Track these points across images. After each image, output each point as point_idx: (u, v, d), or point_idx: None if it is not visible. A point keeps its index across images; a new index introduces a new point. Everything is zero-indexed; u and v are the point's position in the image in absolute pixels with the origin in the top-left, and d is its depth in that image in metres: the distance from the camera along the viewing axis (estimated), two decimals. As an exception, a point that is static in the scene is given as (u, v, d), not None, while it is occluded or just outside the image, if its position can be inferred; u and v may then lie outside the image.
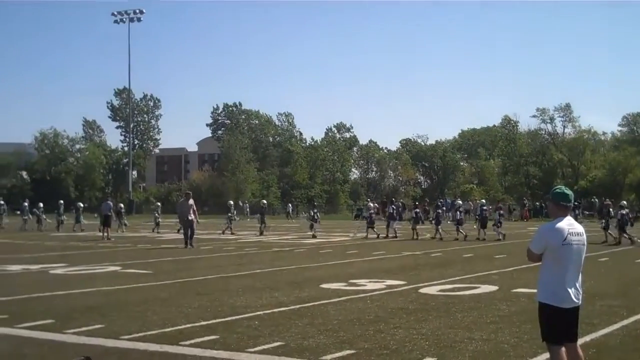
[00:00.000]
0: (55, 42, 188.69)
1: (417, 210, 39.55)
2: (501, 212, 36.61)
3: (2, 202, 50.91)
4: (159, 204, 49.11)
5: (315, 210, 40.45)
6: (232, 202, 44.36)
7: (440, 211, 38.80)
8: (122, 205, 48.42)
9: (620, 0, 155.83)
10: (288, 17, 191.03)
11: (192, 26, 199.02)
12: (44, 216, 47.28)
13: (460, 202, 41.79)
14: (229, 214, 41.34)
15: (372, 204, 42.84)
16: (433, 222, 37.95)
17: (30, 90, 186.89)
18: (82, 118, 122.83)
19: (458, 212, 38.23)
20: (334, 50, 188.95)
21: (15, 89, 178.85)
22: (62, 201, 48.44)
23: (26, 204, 48.98)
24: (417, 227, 36.73)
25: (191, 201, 30.75)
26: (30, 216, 47.65)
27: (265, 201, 48.29)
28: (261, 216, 41.66)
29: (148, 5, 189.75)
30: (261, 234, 39.25)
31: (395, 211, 40.26)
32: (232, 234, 39.60)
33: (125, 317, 12.08)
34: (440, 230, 35.35)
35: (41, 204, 47.75)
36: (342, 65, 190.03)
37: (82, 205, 48.24)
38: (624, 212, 31.72)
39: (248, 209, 69.49)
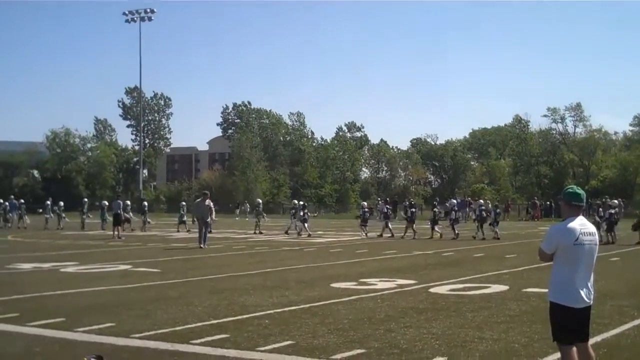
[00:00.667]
0: (67, 41, 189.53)
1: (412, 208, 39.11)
2: (498, 211, 36.61)
3: (22, 201, 50.95)
4: (183, 202, 48.81)
5: (306, 210, 39.98)
6: (260, 201, 44.63)
7: (436, 210, 38.72)
8: (145, 203, 48.50)
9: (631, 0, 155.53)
10: (299, 17, 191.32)
11: (202, 25, 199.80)
12: (63, 215, 47.60)
13: (454, 201, 41.49)
14: (258, 213, 41.75)
15: (365, 203, 42.97)
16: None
17: (42, 89, 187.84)
18: (93, 117, 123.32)
19: (453, 212, 38.20)
20: (345, 50, 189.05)
21: (27, 88, 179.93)
22: (86, 199, 48.55)
23: (48, 202, 49.16)
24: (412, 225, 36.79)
25: (208, 201, 29.97)
26: (52, 215, 47.85)
27: (259, 200, 47.89)
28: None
29: (159, 5, 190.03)
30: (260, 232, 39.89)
31: (390, 210, 40.59)
32: (260, 232, 39.64)
33: (135, 315, 12.10)
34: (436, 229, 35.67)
35: (61, 203, 48.18)
36: (353, 65, 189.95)
37: (106, 203, 48.14)
38: (613, 212, 31.80)
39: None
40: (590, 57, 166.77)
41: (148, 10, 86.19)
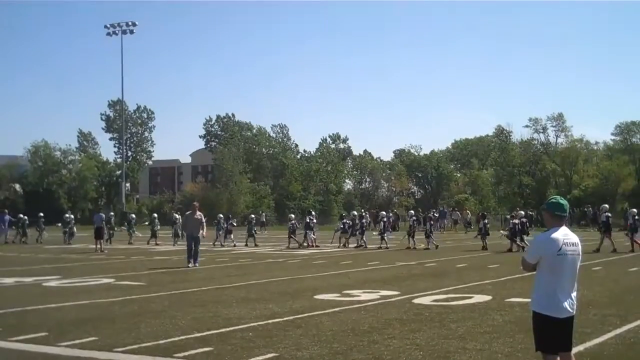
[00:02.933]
0: (49, 54, 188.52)
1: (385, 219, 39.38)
2: (486, 221, 36.85)
3: (41, 214, 49.69)
4: (155, 215, 48.78)
5: (312, 217, 40.19)
6: (253, 216, 44.68)
7: (414, 219, 39.10)
8: (133, 215, 48.23)
9: (612, 10, 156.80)
10: (281, 29, 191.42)
11: (185, 38, 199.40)
12: (44, 227, 47.28)
13: (411, 212, 42.10)
14: (252, 226, 41.58)
15: (343, 214, 43.26)
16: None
17: (23, 101, 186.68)
18: (77, 130, 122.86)
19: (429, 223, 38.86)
20: (329, 62, 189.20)
21: (9, 101, 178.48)
22: (69, 216, 47.96)
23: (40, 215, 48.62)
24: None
25: (199, 214, 26.74)
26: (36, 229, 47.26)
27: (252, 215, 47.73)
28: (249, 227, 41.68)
29: (141, 18, 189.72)
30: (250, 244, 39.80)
31: (367, 223, 41.16)
32: (255, 245, 39.41)
33: (118, 329, 12.05)
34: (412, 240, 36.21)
35: (41, 214, 47.83)
36: (337, 77, 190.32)
37: (71, 217, 47.95)
38: (609, 215, 32.12)
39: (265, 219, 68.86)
40: (572, 68, 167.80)
41: (130, 23, 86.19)
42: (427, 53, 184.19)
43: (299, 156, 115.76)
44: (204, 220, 26.77)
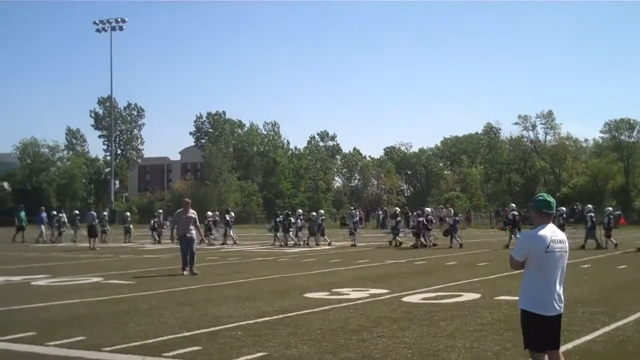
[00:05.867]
0: (38, 51, 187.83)
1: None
2: (457, 219, 36.95)
3: (76, 212, 48.35)
4: (128, 213, 48.51)
5: (322, 217, 40.08)
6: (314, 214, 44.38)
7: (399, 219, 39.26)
8: (128, 213, 47.85)
9: (600, 8, 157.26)
10: (272, 27, 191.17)
11: (175, 35, 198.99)
12: (79, 225, 45.75)
13: (396, 211, 41.98)
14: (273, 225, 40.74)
15: (322, 211, 42.82)
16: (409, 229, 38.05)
17: (11, 99, 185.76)
18: (65, 127, 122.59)
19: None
20: (319, 59, 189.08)
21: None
22: (62, 214, 47.13)
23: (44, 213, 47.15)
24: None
25: (192, 212, 22.83)
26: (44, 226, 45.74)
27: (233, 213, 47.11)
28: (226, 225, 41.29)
29: (130, 14, 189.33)
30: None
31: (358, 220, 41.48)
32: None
33: (107, 328, 12.01)
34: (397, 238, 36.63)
35: (22, 213, 46.76)
36: (327, 74, 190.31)
37: (105, 214, 47.68)
38: (593, 215, 32.33)
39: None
40: (561, 65, 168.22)
41: (119, 19, 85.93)
42: (416, 51, 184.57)
43: (289, 153, 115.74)
44: (197, 219, 23.29)
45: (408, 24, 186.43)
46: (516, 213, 34.92)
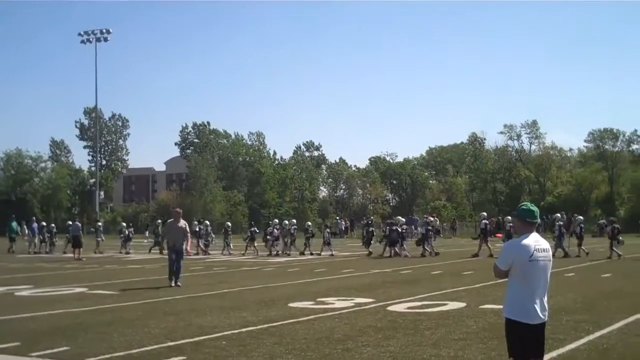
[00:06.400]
0: (23, 62, 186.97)
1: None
2: (429, 227, 37.02)
3: (99, 223, 48.28)
4: (123, 224, 48.38)
5: (328, 230, 39.99)
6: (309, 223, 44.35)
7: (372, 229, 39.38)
8: (124, 224, 47.58)
9: (585, 18, 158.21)
10: (256, 37, 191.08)
11: (160, 45, 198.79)
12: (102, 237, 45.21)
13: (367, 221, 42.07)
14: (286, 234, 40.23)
15: (294, 220, 42.68)
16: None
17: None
18: (49, 138, 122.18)
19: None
20: (302, 69, 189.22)
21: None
22: (52, 225, 46.76)
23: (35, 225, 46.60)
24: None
25: (183, 222, 22.20)
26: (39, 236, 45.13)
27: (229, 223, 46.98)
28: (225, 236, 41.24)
29: (115, 25, 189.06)
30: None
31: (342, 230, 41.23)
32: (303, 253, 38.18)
33: (91, 339, 11.96)
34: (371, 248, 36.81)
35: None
36: (310, 84, 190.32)
37: (100, 224, 47.39)
38: (582, 226, 32.81)
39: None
40: (546, 75, 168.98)
41: (104, 30, 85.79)
42: (401, 61, 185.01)
43: (275, 163, 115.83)
44: (187, 231, 22.39)
45: (393, 33, 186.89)
46: (487, 222, 35.25)
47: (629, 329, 12.36)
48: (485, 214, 37.81)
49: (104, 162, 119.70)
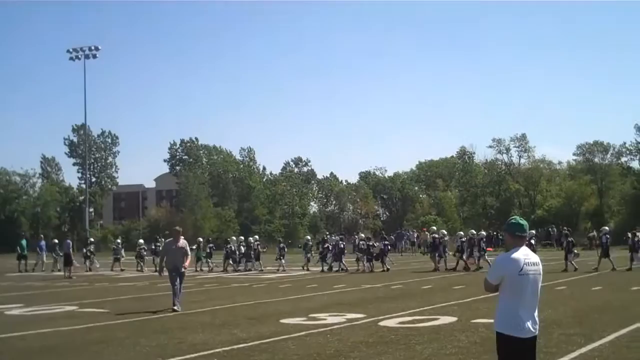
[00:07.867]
0: (11, 78, 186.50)
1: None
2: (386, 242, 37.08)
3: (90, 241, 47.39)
4: (118, 240, 48.14)
5: (327, 245, 39.95)
6: (308, 237, 44.46)
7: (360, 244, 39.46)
8: (119, 241, 47.26)
9: (573, 30, 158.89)
10: (244, 52, 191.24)
11: (149, 62, 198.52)
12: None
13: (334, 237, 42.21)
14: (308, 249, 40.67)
15: (257, 237, 43.01)
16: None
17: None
18: (40, 155, 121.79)
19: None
20: (291, 84, 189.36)
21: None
22: (52, 241, 46.52)
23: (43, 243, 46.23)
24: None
25: (182, 242, 20.03)
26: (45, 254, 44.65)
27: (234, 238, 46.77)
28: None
29: (104, 42, 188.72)
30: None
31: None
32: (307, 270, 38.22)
33: (82, 357, 11.93)
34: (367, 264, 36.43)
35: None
36: (300, 99, 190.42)
37: (92, 248, 46.85)
38: (609, 236, 33.08)
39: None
40: (535, 88, 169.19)
41: (92, 47, 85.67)
42: (389, 75, 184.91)
43: (264, 179, 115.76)
44: (187, 250, 20.13)
45: (379, 48, 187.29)
46: (436, 236, 35.58)
47: (620, 342, 12.38)
48: (434, 228, 38.24)
49: (93, 179, 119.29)
